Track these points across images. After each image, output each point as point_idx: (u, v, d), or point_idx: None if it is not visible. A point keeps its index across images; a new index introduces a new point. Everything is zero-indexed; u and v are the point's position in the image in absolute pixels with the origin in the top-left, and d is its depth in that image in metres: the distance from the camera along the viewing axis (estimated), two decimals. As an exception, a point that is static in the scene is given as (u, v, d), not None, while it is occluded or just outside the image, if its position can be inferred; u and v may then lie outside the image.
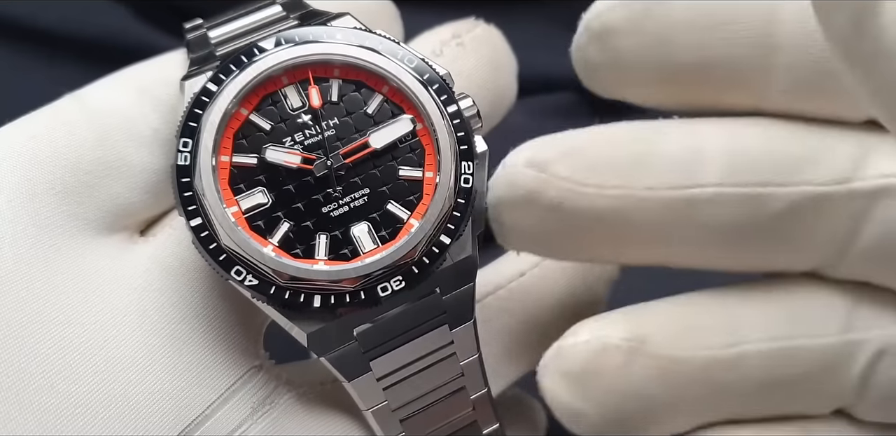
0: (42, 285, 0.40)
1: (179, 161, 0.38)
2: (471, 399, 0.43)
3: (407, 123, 0.40)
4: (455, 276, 0.41)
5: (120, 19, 0.66)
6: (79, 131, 0.41)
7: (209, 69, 0.40)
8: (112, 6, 0.66)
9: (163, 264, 0.41)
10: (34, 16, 0.65)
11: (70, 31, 0.65)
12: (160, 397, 0.40)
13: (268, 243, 0.39)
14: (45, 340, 0.39)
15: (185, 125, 0.39)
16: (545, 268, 0.47)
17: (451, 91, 0.40)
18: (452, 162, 0.40)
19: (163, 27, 0.66)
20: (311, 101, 0.40)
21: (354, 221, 0.40)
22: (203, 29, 0.42)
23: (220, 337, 0.42)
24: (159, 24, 0.66)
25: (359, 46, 0.40)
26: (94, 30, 0.65)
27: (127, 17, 0.66)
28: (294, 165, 0.39)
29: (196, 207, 0.38)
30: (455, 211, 0.40)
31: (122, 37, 0.65)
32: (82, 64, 0.65)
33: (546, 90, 0.67)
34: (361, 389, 0.41)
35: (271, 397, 0.42)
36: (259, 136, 0.39)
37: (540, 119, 0.68)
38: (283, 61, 0.39)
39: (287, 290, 0.38)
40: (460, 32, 0.46)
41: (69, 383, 0.39)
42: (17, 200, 0.40)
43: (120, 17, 0.66)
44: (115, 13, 0.66)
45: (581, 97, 0.68)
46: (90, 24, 0.65)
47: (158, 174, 0.42)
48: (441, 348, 0.41)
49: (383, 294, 0.39)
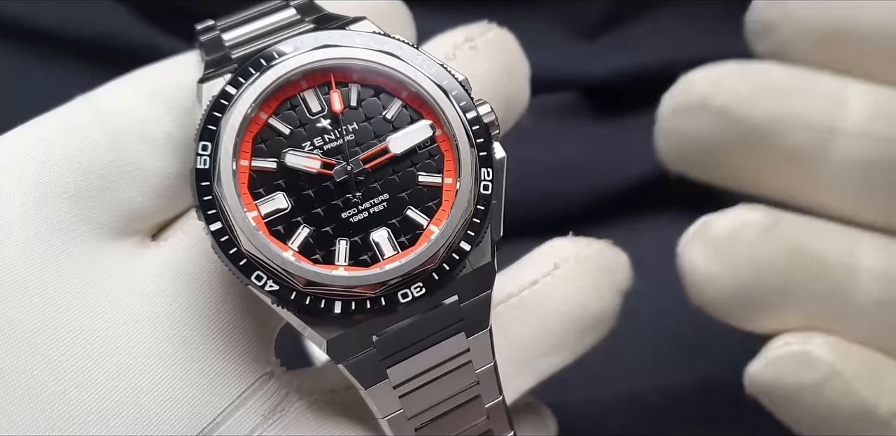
0: (54, 291, 0.39)
1: (199, 165, 0.37)
2: (486, 408, 0.42)
3: (426, 128, 0.40)
4: (474, 283, 0.40)
5: (120, 19, 0.66)
6: (91, 135, 0.40)
7: (226, 72, 0.39)
8: (112, 6, 0.65)
9: (175, 269, 0.41)
10: (34, 16, 0.64)
11: (70, 31, 0.64)
12: (172, 405, 0.39)
13: (288, 248, 0.38)
14: (58, 346, 0.38)
15: (203, 128, 0.38)
16: (557, 277, 0.46)
17: (471, 97, 0.40)
18: (472, 169, 0.39)
19: (163, 27, 0.65)
20: (332, 105, 0.39)
21: (374, 226, 0.39)
22: (216, 31, 0.41)
23: (232, 344, 0.41)
24: (159, 24, 0.65)
25: (378, 51, 0.39)
26: (94, 30, 0.65)
27: (127, 17, 0.66)
28: (314, 170, 0.38)
29: (215, 212, 0.37)
30: (475, 218, 0.39)
31: (123, 37, 0.64)
32: (83, 64, 0.64)
33: (546, 90, 0.67)
34: (378, 396, 0.40)
35: (282, 405, 0.41)
36: (278, 140, 0.39)
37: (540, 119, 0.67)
38: (302, 65, 0.38)
39: (307, 295, 0.38)
40: (473, 36, 0.46)
41: (81, 390, 0.38)
42: (29, 204, 0.39)
43: (120, 17, 0.66)
44: (115, 13, 0.66)
45: (581, 97, 0.68)
46: (90, 24, 0.65)
47: (171, 178, 0.41)
48: (457, 355, 0.41)
49: (403, 301, 0.38)
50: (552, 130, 0.67)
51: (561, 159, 0.66)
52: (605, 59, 0.66)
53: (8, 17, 0.64)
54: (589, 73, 0.66)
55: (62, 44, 0.64)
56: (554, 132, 0.66)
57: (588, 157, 0.65)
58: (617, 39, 0.68)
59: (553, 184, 0.65)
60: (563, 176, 0.65)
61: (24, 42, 0.64)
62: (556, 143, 0.67)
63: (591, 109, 0.68)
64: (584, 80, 0.66)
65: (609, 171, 0.66)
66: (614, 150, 0.65)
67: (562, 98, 0.68)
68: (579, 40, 0.69)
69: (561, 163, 0.66)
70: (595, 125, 0.66)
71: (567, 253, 0.46)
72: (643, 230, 0.61)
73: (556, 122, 0.67)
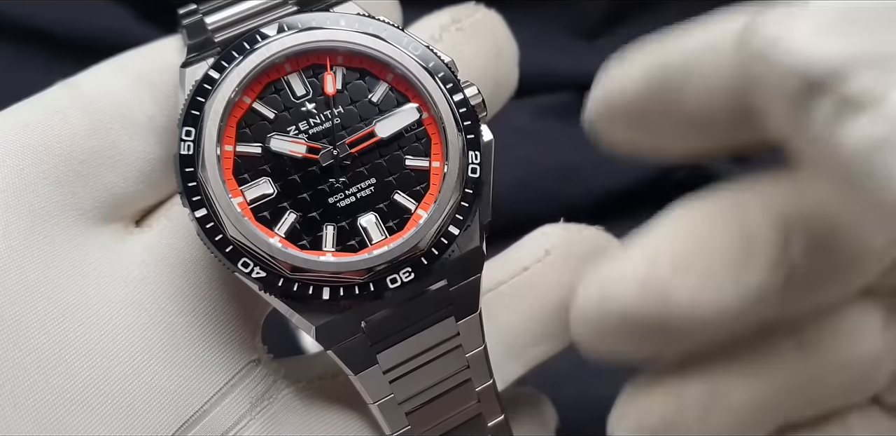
0: (37, 278, 0.38)
1: (182, 151, 0.36)
2: (476, 391, 0.41)
3: (413, 111, 0.38)
4: (463, 267, 0.39)
5: (120, 19, 0.65)
6: (72, 120, 0.39)
7: (209, 56, 0.38)
8: (112, 6, 0.65)
9: (159, 256, 0.40)
10: (34, 16, 0.64)
11: (70, 31, 0.64)
12: (158, 393, 0.38)
13: (274, 234, 0.37)
14: (41, 335, 0.37)
15: (187, 113, 0.37)
16: (549, 263, 0.45)
17: (457, 79, 0.39)
18: (460, 152, 0.38)
19: (163, 27, 0.64)
20: (325, 87, 0.38)
21: (361, 211, 0.38)
22: (199, 14, 0.40)
23: (218, 330, 0.40)
24: (159, 24, 0.64)
25: (363, 33, 0.38)
26: (94, 30, 0.64)
27: (127, 17, 0.65)
28: (299, 155, 0.37)
29: (200, 198, 0.36)
30: (463, 201, 0.38)
31: (123, 37, 0.63)
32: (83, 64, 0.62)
33: (546, 90, 0.66)
34: (368, 382, 0.39)
35: (270, 392, 0.40)
36: (263, 124, 0.37)
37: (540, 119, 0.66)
38: (286, 48, 0.37)
39: (295, 282, 0.36)
40: (460, 17, 0.44)
41: (65, 378, 0.37)
42: (9, 190, 0.38)
43: (120, 17, 0.65)
44: (115, 13, 0.65)
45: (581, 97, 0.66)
46: (90, 24, 0.64)
47: (154, 163, 0.40)
48: (447, 339, 0.40)
49: (392, 286, 0.37)
50: (552, 130, 0.66)
51: (561, 159, 0.65)
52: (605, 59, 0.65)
53: (8, 16, 0.63)
54: (589, 73, 0.64)
55: (62, 44, 0.63)
56: (554, 132, 0.65)
57: (588, 157, 0.64)
58: (617, 39, 0.66)
59: (553, 184, 0.64)
60: (563, 176, 0.64)
61: (24, 42, 0.63)
62: (556, 143, 0.66)
63: None
64: (585, 80, 0.64)
65: (609, 171, 0.65)
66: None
67: (562, 98, 0.67)
68: (579, 40, 0.68)
69: (561, 163, 0.65)
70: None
71: (558, 239, 0.45)
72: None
73: (556, 122, 0.66)
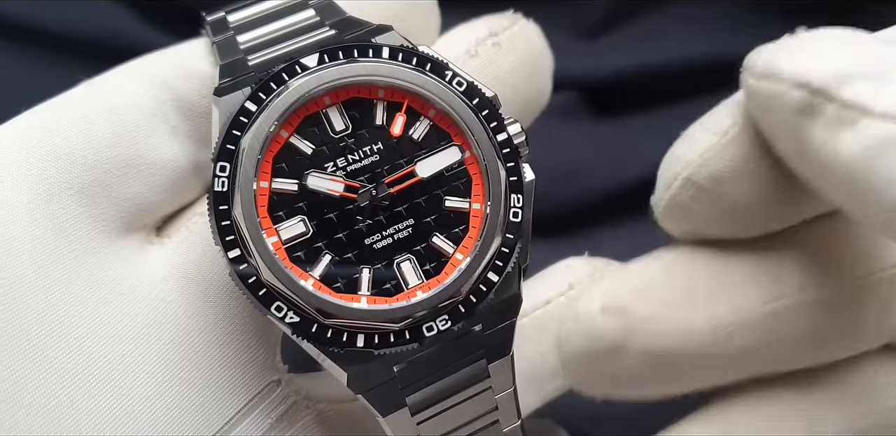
0: (61, 296, 0.34)
1: (216, 187, 0.32)
2: (503, 432, 0.38)
3: (455, 151, 0.34)
4: (499, 312, 0.35)
5: (120, 19, 0.61)
6: (97, 127, 0.36)
7: (244, 83, 0.33)
8: (112, 6, 0.61)
9: (180, 272, 0.36)
10: (34, 16, 0.60)
11: (70, 31, 0.60)
12: (179, 414, 0.35)
13: (308, 276, 0.32)
14: (65, 354, 0.34)
15: (221, 148, 0.32)
16: (571, 298, 0.41)
17: (501, 117, 0.34)
18: (503, 196, 0.34)
19: (163, 27, 0.60)
20: (392, 129, 0.34)
21: (398, 253, 0.34)
22: (230, 32, 0.35)
23: (238, 350, 0.37)
24: (159, 24, 0.60)
25: (405, 67, 0.34)
26: (94, 30, 0.60)
27: (127, 17, 0.61)
28: (337, 194, 0.33)
29: (234, 238, 0.32)
30: (504, 247, 0.34)
31: (123, 37, 0.59)
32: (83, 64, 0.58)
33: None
34: (395, 424, 0.35)
35: (289, 414, 0.37)
36: (300, 160, 0.33)
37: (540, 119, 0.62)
38: (326, 82, 0.33)
39: (329, 328, 0.32)
40: (497, 30, 0.40)
41: (88, 398, 0.34)
42: (35, 201, 0.35)
43: (120, 17, 0.61)
44: (115, 13, 0.61)
45: (581, 97, 0.63)
46: (90, 24, 0.60)
47: (177, 172, 0.37)
48: (477, 382, 0.36)
49: (429, 334, 0.33)
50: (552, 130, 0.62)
51: (561, 159, 0.62)
52: (605, 59, 0.61)
53: (8, 17, 0.59)
54: (589, 73, 0.61)
55: (62, 44, 0.59)
56: (554, 132, 0.62)
57: (588, 157, 0.61)
58: (617, 39, 0.63)
59: (553, 184, 0.61)
60: (563, 176, 0.61)
61: (24, 42, 0.59)
62: (557, 143, 0.62)
63: (591, 109, 0.63)
64: (584, 80, 0.62)
65: (609, 171, 0.61)
66: (614, 150, 0.61)
67: (562, 98, 0.63)
68: (579, 40, 0.64)
69: (561, 163, 0.61)
70: (595, 125, 0.62)
71: (581, 273, 0.41)
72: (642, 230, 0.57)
73: (556, 122, 0.63)
